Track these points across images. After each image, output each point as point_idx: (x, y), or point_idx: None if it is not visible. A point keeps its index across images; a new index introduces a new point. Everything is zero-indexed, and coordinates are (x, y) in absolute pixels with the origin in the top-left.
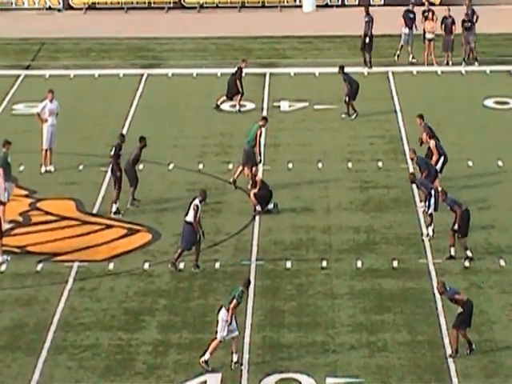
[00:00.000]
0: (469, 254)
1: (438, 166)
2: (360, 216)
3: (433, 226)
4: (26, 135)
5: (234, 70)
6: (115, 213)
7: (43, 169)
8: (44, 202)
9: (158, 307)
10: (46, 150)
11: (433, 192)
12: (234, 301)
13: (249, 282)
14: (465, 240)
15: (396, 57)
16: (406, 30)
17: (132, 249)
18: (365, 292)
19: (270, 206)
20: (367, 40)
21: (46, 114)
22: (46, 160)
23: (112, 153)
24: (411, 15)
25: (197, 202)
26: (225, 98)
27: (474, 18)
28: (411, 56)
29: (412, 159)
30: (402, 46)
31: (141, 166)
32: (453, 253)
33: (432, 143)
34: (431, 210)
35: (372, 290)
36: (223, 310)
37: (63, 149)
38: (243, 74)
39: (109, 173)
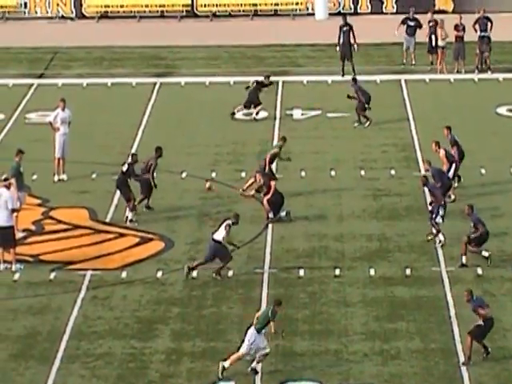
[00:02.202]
0: (485, 253)
1: (450, 174)
2: (373, 224)
3: (441, 233)
4: (38, 144)
5: (252, 79)
6: (131, 220)
7: (56, 177)
8: (57, 211)
9: (170, 315)
10: (59, 159)
11: (442, 202)
12: (271, 323)
13: (279, 303)
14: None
15: (402, 64)
16: (407, 37)
17: (145, 257)
18: (378, 300)
19: (283, 213)
20: (349, 48)
21: (58, 122)
22: (58, 169)
23: (125, 169)
24: (411, 23)
25: (229, 222)
26: (242, 106)
27: (489, 25)
28: (413, 61)
29: (427, 171)
30: (406, 52)
31: (154, 175)
32: (464, 261)
33: (442, 153)
34: (438, 220)
35: (385, 298)
36: (252, 330)
37: (76, 157)
38: (266, 89)
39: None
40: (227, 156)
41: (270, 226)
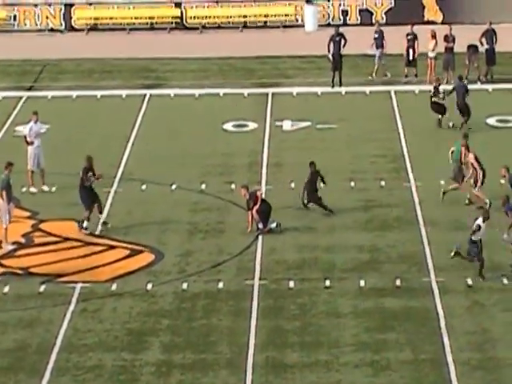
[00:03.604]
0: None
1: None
2: (363, 235)
3: None
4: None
5: (237, 91)
6: (85, 228)
7: (32, 189)
8: (46, 223)
9: (161, 327)
10: (33, 172)
11: None
12: None
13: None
14: None
15: (371, 76)
16: (375, 49)
17: (135, 269)
18: (368, 311)
19: (273, 225)
20: (340, 60)
21: (33, 135)
22: (32, 180)
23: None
24: (375, 35)
25: (479, 221)
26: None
27: (494, 39)
28: (375, 73)
29: (504, 177)
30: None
31: (143, 187)
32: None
33: (471, 156)
34: None
35: (375, 309)
36: None
37: (66, 169)
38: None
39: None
40: (217, 168)
41: (260, 237)
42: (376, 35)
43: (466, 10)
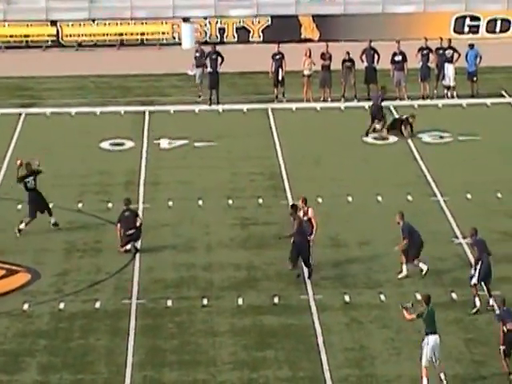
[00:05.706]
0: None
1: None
2: (241, 253)
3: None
4: None
5: (113, 109)
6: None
7: None
8: None
9: (37, 348)
10: None
11: (481, 262)
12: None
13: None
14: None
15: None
16: (194, 70)
17: (11, 290)
18: (246, 329)
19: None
20: (217, 77)
21: None
22: None
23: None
24: (196, 54)
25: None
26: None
27: (376, 57)
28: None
29: (398, 223)
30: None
31: (19, 206)
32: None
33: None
34: (474, 281)
35: (253, 327)
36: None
37: None
38: None
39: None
40: (94, 186)
41: (138, 256)
42: (197, 54)
43: (343, 27)
